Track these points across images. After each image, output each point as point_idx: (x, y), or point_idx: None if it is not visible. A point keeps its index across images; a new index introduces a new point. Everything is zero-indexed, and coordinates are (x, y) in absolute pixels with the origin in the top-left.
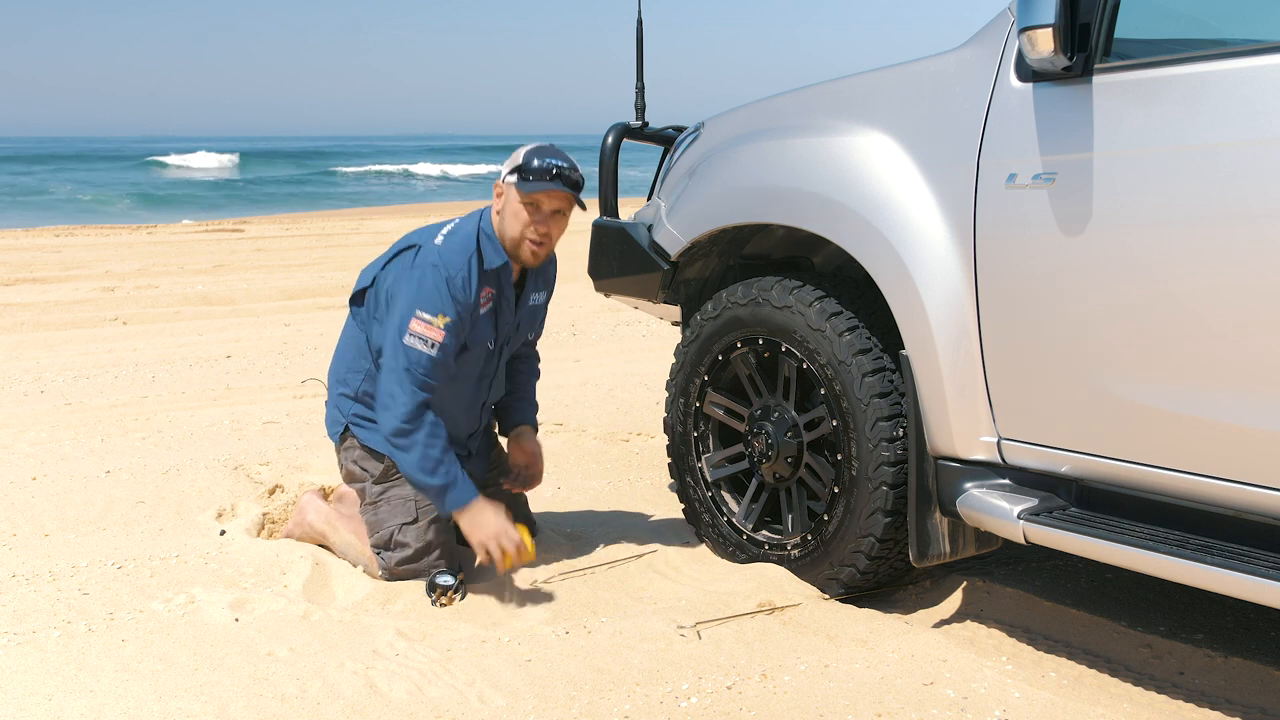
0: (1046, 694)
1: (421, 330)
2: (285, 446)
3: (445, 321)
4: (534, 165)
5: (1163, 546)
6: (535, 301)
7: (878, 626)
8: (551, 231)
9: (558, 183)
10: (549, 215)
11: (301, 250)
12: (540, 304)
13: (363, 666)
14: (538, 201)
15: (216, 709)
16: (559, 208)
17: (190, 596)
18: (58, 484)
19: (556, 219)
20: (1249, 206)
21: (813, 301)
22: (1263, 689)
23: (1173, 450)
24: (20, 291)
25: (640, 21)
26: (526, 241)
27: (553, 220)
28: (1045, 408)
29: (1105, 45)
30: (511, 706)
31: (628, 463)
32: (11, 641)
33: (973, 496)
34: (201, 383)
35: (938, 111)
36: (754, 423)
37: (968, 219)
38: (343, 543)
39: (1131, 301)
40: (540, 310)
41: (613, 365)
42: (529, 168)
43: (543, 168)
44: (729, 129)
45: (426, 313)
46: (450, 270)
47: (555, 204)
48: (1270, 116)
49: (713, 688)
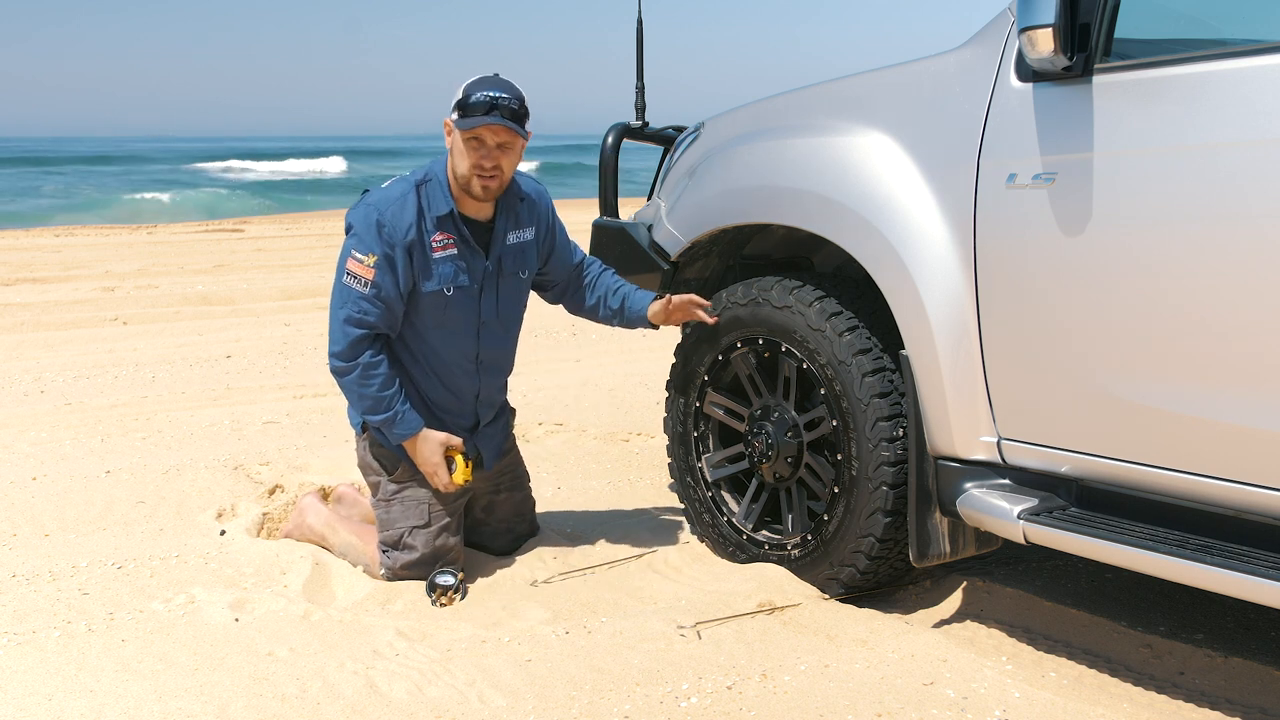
0: (1046, 694)
1: (354, 269)
2: (285, 446)
3: (373, 260)
4: (472, 99)
5: (1163, 546)
6: (516, 240)
7: (878, 626)
8: (501, 163)
9: (495, 115)
10: (494, 149)
11: (301, 250)
12: (525, 241)
13: (363, 666)
14: (480, 136)
15: (216, 709)
16: (503, 140)
17: (190, 596)
18: (58, 484)
19: (504, 151)
20: (1249, 206)
21: (813, 301)
22: (1263, 689)
23: (1173, 450)
24: (20, 291)
25: (640, 21)
26: (475, 178)
27: (500, 153)
28: (1045, 408)
29: (1105, 45)
30: (511, 706)
31: (628, 463)
32: (11, 641)
33: (973, 496)
34: (201, 383)
35: (938, 111)
36: (754, 423)
37: (968, 219)
38: (342, 544)
39: (1131, 301)
40: (527, 247)
41: (613, 365)
42: (467, 103)
43: (480, 101)
44: (729, 129)
45: (359, 253)
46: (381, 210)
47: (498, 137)
48: (1270, 116)
49: (713, 688)
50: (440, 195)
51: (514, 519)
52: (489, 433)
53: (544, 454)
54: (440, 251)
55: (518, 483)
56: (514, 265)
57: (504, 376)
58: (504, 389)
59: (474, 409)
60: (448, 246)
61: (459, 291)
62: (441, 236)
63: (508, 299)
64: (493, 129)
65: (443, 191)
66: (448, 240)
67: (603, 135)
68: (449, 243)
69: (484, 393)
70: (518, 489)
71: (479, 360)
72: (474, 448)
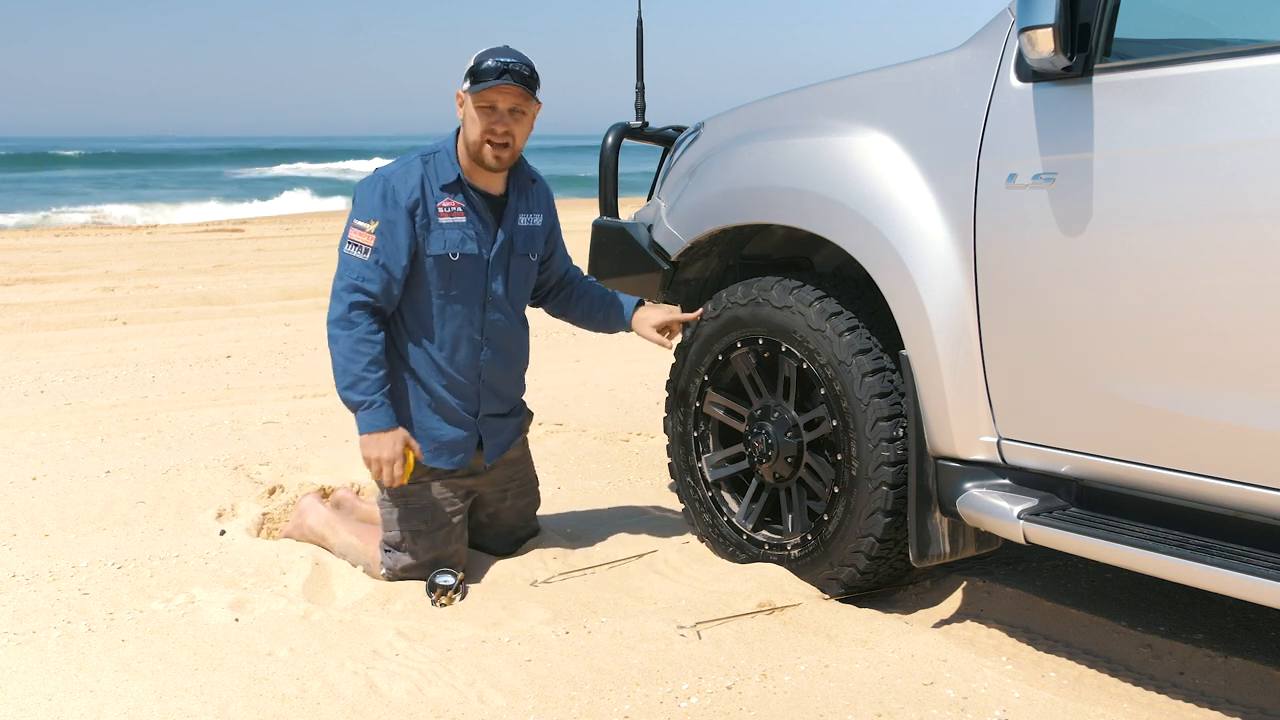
0: (1046, 694)
1: (355, 237)
2: (285, 446)
3: (374, 226)
4: (484, 66)
5: (1163, 546)
6: (527, 223)
7: (878, 626)
8: (513, 130)
9: (507, 78)
10: (506, 114)
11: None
12: (534, 226)
13: (363, 666)
14: (492, 101)
15: (216, 709)
16: (515, 105)
17: (190, 596)
18: (58, 484)
19: (516, 118)
20: (1249, 206)
21: (813, 301)
22: (1263, 689)
23: (1173, 450)
24: (20, 291)
25: (640, 21)
26: (487, 145)
27: (512, 119)
28: (1045, 407)
29: (1105, 45)
30: (511, 706)
31: (628, 463)
32: (11, 641)
33: (973, 496)
34: (201, 383)
35: (938, 111)
36: (754, 423)
37: (968, 219)
38: (342, 544)
39: (1131, 301)
40: (536, 232)
41: (613, 365)
42: (479, 70)
43: (493, 67)
44: (729, 129)
45: (360, 220)
46: (386, 177)
47: (510, 101)
48: (1270, 116)
49: (713, 688)
50: (448, 164)
51: (517, 524)
52: (495, 424)
53: (544, 454)
54: (447, 217)
55: (525, 489)
56: (525, 246)
57: (514, 366)
58: (517, 383)
59: (477, 391)
60: (455, 214)
61: (465, 259)
62: (449, 203)
63: (517, 279)
64: (504, 92)
65: (450, 161)
66: (455, 207)
67: (603, 135)
68: (456, 209)
69: (489, 375)
70: (524, 495)
71: (485, 333)
72: (476, 435)
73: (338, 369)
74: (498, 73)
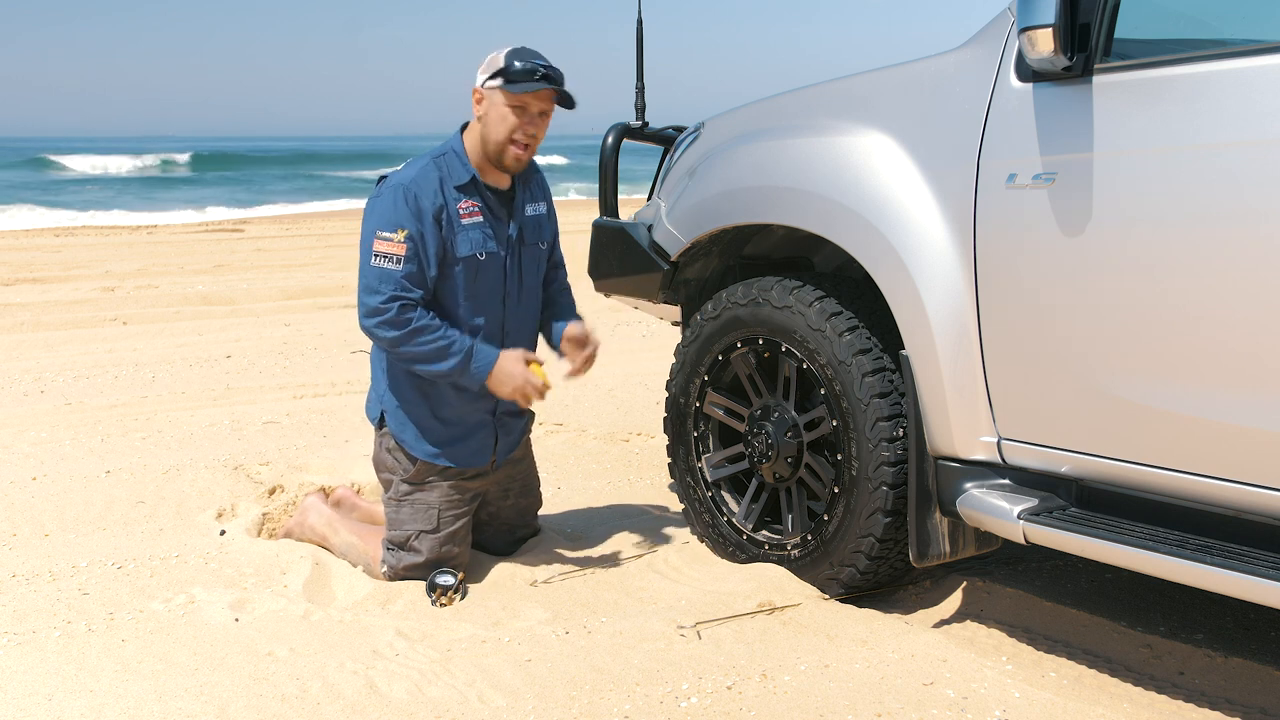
0: (1046, 694)
1: (384, 249)
2: (285, 446)
3: (404, 234)
4: (518, 67)
5: (1163, 546)
6: (534, 212)
7: (878, 626)
8: (538, 133)
9: (545, 82)
10: (536, 116)
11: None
12: (540, 215)
13: (363, 666)
14: (525, 104)
15: (216, 709)
16: (546, 108)
17: (190, 596)
18: (58, 484)
19: (542, 120)
20: (1249, 206)
21: (813, 301)
22: (1263, 689)
23: (1173, 450)
24: (20, 291)
25: (640, 21)
26: (511, 146)
27: (539, 121)
28: (1045, 408)
29: (1105, 45)
30: (511, 706)
31: (628, 463)
32: (11, 641)
33: (973, 496)
34: (201, 383)
35: (938, 112)
36: (754, 423)
37: (968, 219)
38: (343, 544)
39: (1131, 301)
40: (543, 220)
41: (613, 365)
42: (513, 70)
43: (528, 69)
44: (729, 129)
45: (386, 231)
46: (404, 185)
47: (542, 104)
48: (1270, 116)
49: (713, 688)
50: (459, 165)
51: (518, 522)
52: (509, 424)
53: (544, 454)
54: (468, 219)
55: (527, 489)
56: (534, 236)
57: None
58: None
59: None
60: (474, 214)
61: (490, 258)
62: (468, 204)
63: (530, 268)
64: (540, 95)
65: (461, 161)
66: (474, 207)
67: (603, 135)
68: (475, 210)
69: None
70: (526, 495)
71: (505, 330)
72: (494, 433)
73: (425, 362)
74: (537, 75)
